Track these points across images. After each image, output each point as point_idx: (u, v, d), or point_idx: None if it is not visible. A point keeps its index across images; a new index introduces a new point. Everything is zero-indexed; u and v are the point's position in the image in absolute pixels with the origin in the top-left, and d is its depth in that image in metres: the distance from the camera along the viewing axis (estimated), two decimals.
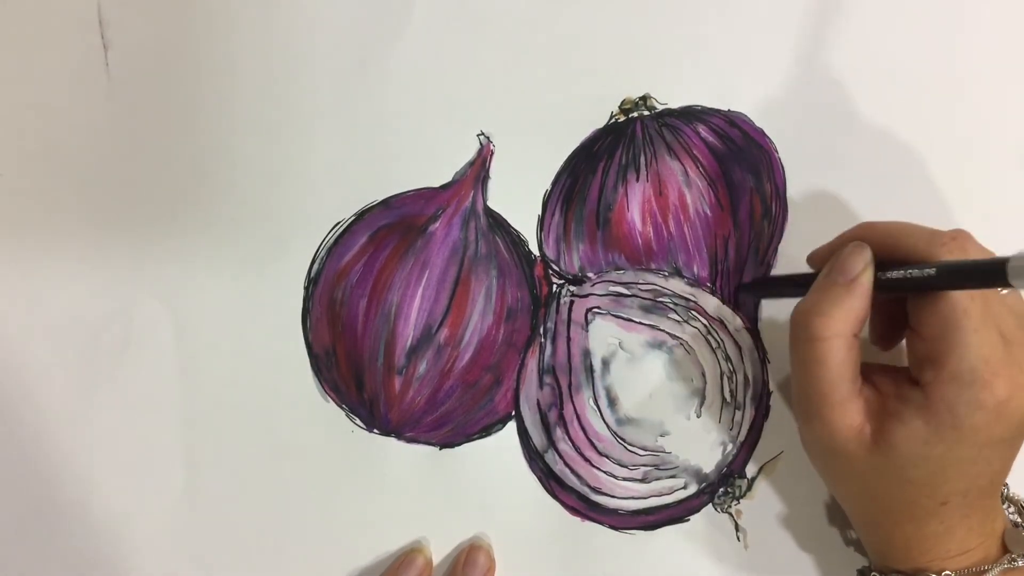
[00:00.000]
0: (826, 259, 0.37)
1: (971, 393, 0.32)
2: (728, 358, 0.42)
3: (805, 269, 0.43)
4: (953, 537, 0.35)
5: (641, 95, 0.43)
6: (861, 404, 0.35)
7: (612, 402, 0.42)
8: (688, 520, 0.42)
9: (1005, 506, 0.38)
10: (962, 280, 0.32)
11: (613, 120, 0.43)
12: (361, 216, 0.43)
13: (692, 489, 0.42)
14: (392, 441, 0.43)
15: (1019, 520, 0.38)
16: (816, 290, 0.36)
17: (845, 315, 0.35)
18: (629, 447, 0.42)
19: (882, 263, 0.35)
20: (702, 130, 0.43)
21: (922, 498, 0.34)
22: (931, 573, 0.35)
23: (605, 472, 0.42)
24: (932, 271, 0.33)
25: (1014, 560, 0.35)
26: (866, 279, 0.35)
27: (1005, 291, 0.35)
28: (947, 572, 0.35)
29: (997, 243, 0.42)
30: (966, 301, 0.33)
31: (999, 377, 0.32)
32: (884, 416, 0.34)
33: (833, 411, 0.35)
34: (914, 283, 0.34)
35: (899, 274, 0.34)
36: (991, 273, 0.30)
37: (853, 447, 0.35)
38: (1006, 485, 0.39)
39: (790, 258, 0.43)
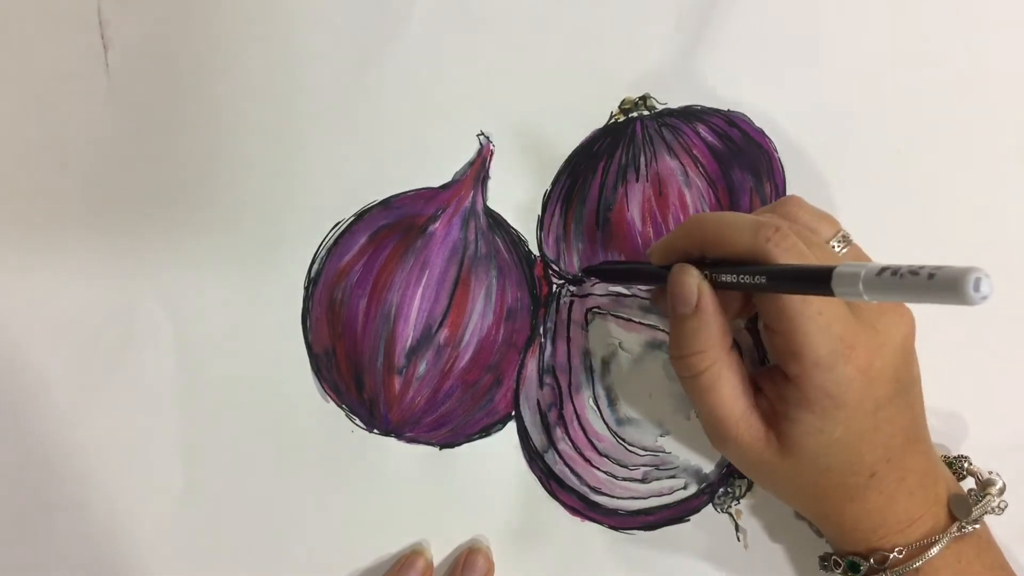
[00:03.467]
0: (664, 254, 0.37)
1: (837, 372, 0.32)
2: None
3: None
4: (896, 506, 0.35)
5: (641, 95, 0.43)
6: (759, 415, 0.35)
7: (612, 402, 0.42)
8: (688, 520, 0.42)
9: (964, 478, 0.38)
10: (790, 286, 0.31)
11: (613, 120, 0.43)
12: (361, 216, 0.43)
13: (692, 489, 0.42)
14: (392, 441, 0.43)
15: (977, 491, 0.37)
16: (672, 329, 0.36)
17: (707, 342, 0.35)
18: (629, 447, 0.42)
19: (717, 262, 0.35)
20: (702, 130, 0.43)
21: (849, 477, 0.35)
22: (883, 550, 0.35)
23: (605, 472, 0.42)
24: (763, 279, 0.32)
25: (963, 527, 0.36)
26: (706, 300, 0.34)
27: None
28: (899, 547, 0.35)
29: (997, 243, 0.43)
30: None
31: (857, 347, 0.32)
32: (778, 420, 0.34)
33: (738, 429, 0.35)
34: (747, 286, 0.33)
35: (731, 278, 0.33)
36: (817, 281, 0.29)
37: (767, 456, 0.35)
38: (965, 458, 0.39)
39: None
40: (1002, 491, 0.37)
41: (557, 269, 0.43)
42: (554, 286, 0.43)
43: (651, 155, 0.43)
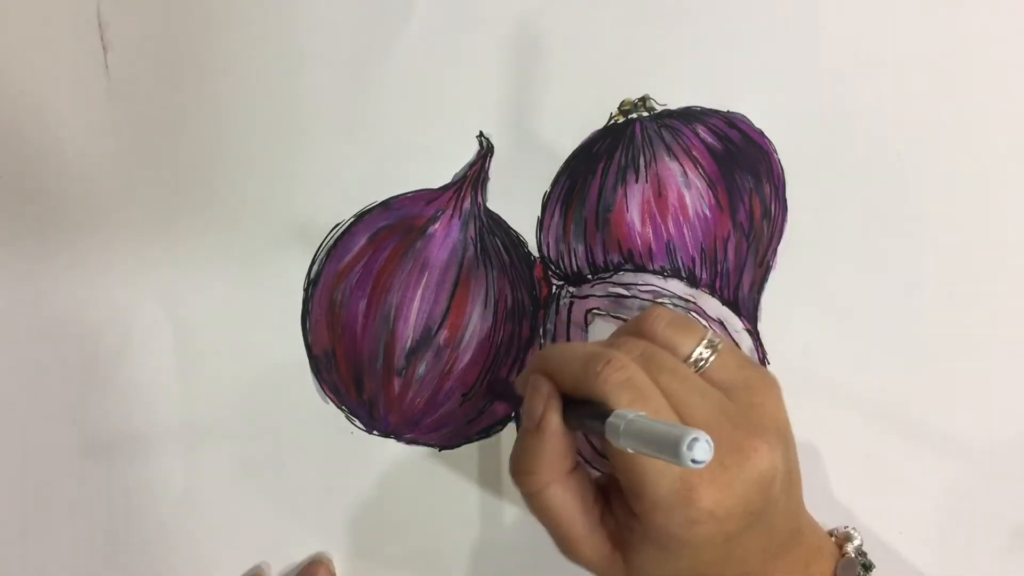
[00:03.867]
0: (523, 384, 0.35)
1: (679, 515, 0.30)
2: None
3: (805, 270, 0.43)
4: None
5: (640, 96, 0.43)
6: (605, 534, 0.33)
7: None
8: None
9: (856, 549, 0.36)
10: (597, 432, 0.30)
11: (612, 121, 0.43)
12: (361, 217, 0.43)
13: None
14: (392, 443, 0.43)
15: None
16: (517, 442, 0.34)
17: (546, 464, 0.32)
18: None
19: (565, 394, 0.33)
20: (701, 131, 0.43)
21: None
22: None
23: (604, 472, 0.42)
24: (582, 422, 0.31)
25: None
26: (551, 420, 0.32)
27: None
28: None
29: (997, 243, 0.43)
30: None
31: (699, 488, 0.30)
32: (622, 544, 0.33)
33: (581, 546, 0.33)
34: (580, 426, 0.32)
35: (569, 416, 0.32)
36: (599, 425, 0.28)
37: (615, 572, 0.33)
38: (853, 529, 0.37)
39: (790, 259, 0.43)
40: (859, 548, 0.36)
41: (557, 270, 0.43)
42: (554, 287, 0.43)
43: (650, 156, 0.43)
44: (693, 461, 0.23)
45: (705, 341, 0.34)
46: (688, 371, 0.33)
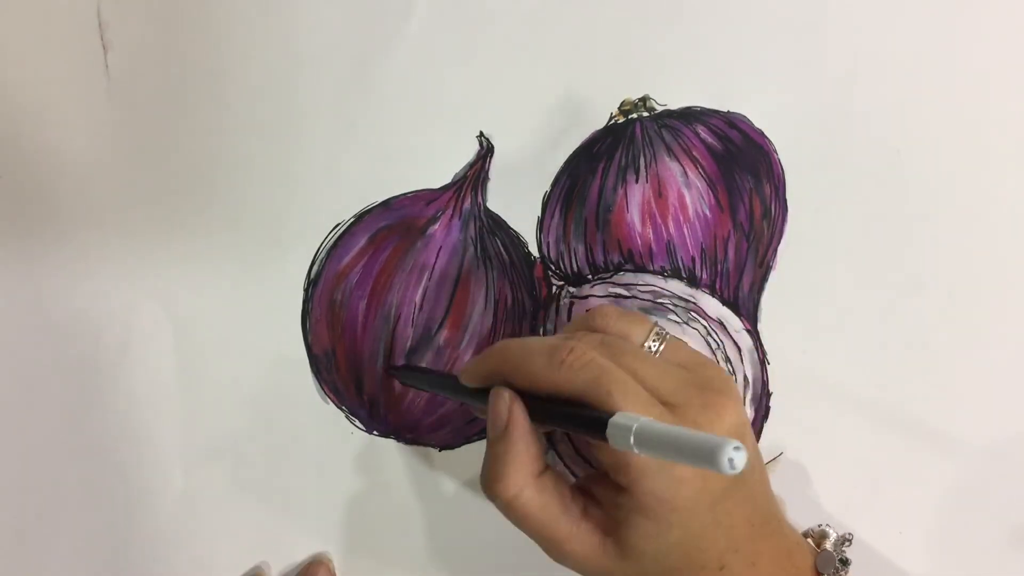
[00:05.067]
0: (472, 377, 0.35)
1: (666, 475, 0.31)
2: (728, 359, 0.42)
3: (805, 270, 0.43)
4: None
5: (640, 96, 0.43)
6: (591, 524, 0.33)
7: None
8: None
9: (833, 544, 0.38)
10: (581, 430, 0.31)
11: (612, 121, 0.43)
12: (361, 217, 0.43)
13: None
14: (391, 443, 0.43)
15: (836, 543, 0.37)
16: (486, 452, 0.34)
17: (517, 468, 0.33)
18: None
19: (527, 394, 0.33)
20: (701, 131, 0.43)
21: (696, 573, 0.33)
22: None
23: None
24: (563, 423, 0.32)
25: None
26: (518, 422, 0.33)
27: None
28: None
29: (997, 243, 0.43)
30: None
31: None
32: (614, 526, 0.33)
33: (568, 546, 0.33)
34: (546, 425, 0.32)
35: (535, 415, 0.33)
36: (596, 429, 0.28)
37: (607, 563, 0.33)
38: (828, 526, 0.38)
39: (790, 259, 0.43)
40: (842, 540, 0.38)
41: (557, 270, 0.43)
42: (554, 287, 0.43)
43: (651, 156, 0.43)
44: (732, 470, 0.24)
45: (655, 331, 0.35)
46: (647, 352, 0.35)
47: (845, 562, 0.36)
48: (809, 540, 0.38)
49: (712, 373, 0.35)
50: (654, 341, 0.35)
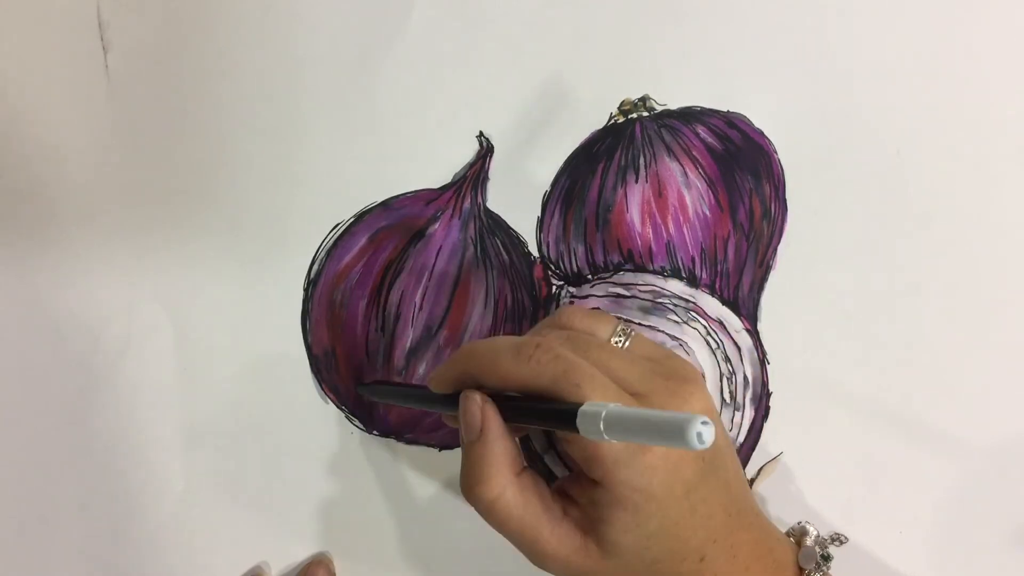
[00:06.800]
0: (440, 383, 0.36)
1: (638, 463, 0.31)
2: (728, 359, 0.42)
3: (805, 270, 0.43)
4: None
5: (640, 96, 0.43)
6: (571, 524, 0.33)
7: None
8: None
9: (813, 541, 0.38)
10: (551, 423, 0.31)
11: (612, 121, 0.43)
12: (361, 217, 0.43)
13: None
14: (391, 443, 0.43)
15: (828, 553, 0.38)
16: (463, 458, 0.34)
17: (498, 469, 0.33)
18: None
19: (498, 393, 0.33)
20: (701, 131, 0.43)
21: (679, 565, 0.33)
22: None
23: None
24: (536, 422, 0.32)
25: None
26: (491, 427, 0.33)
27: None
28: None
29: (997, 243, 0.43)
30: None
31: None
32: (593, 524, 0.33)
33: (551, 547, 0.33)
34: (518, 422, 0.33)
35: (508, 414, 0.33)
36: (565, 420, 0.29)
37: (590, 563, 0.33)
38: (808, 523, 0.39)
39: (790, 259, 0.43)
40: (829, 540, 0.38)
41: (557, 270, 0.43)
42: (554, 287, 0.43)
43: (650, 156, 0.43)
44: (702, 444, 0.24)
45: (620, 327, 0.36)
46: (613, 346, 0.35)
47: (827, 558, 0.37)
48: (790, 538, 0.38)
49: (677, 363, 0.35)
50: (620, 336, 0.36)
